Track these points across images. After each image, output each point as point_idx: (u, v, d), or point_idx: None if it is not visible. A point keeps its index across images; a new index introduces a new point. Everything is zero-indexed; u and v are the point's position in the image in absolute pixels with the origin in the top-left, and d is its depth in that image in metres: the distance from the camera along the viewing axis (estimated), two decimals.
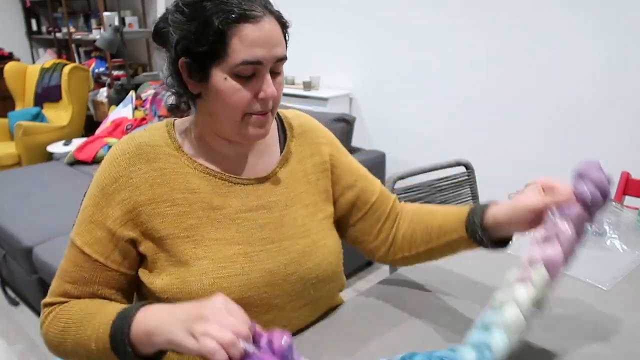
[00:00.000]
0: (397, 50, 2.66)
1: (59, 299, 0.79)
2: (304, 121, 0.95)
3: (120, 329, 0.68)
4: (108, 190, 0.78)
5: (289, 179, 0.88)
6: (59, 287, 0.80)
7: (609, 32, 1.93)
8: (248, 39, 0.71)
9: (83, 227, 0.78)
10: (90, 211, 0.78)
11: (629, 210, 1.30)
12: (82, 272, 0.78)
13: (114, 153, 0.81)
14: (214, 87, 0.74)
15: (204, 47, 0.71)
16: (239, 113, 0.76)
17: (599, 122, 2.03)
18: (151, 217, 0.77)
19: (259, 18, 0.71)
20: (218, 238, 0.79)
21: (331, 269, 0.87)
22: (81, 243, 0.78)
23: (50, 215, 2.28)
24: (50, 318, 0.78)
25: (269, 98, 0.75)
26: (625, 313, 0.89)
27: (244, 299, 0.77)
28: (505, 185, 1.79)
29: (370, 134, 2.93)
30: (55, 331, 0.76)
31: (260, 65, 0.73)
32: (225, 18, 0.70)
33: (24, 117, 3.77)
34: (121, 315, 0.69)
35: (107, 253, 0.77)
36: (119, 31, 3.55)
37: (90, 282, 0.78)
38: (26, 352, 2.04)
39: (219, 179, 0.82)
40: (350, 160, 0.97)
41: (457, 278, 1.02)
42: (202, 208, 0.79)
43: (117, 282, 0.80)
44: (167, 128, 0.84)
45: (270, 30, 0.73)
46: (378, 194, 0.95)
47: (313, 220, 0.88)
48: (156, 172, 0.79)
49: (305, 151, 0.91)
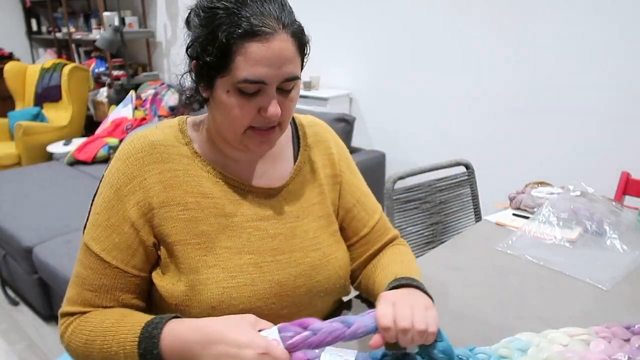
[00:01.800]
0: (397, 50, 2.66)
1: (79, 308, 0.76)
2: (319, 130, 0.92)
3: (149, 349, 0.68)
4: (123, 192, 0.75)
5: (301, 189, 0.86)
6: (79, 295, 0.76)
7: (609, 33, 1.93)
8: (252, 57, 0.67)
9: (99, 232, 0.75)
10: (106, 215, 0.75)
11: (629, 210, 1.30)
12: (102, 280, 0.75)
13: (126, 151, 0.77)
14: (217, 99, 0.72)
15: (210, 56, 0.69)
16: (240, 127, 0.73)
17: (600, 122, 2.03)
18: (163, 220, 0.75)
19: (268, 35, 0.67)
20: (229, 246, 0.77)
21: (340, 282, 0.86)
22: (99, 249, 0.74)
23: (50, 215, 2.28)
24: (71, 330, 0.75)
25: (271, 118, 0.72)
26: (625, 313, 0.89)
27: (252, 309, 0.76)
28: (505, 185, 1.79)
29: (370, 134, 2.93)
30: (78, 343, 0.74)
31: (264, 84, 0.69)
32: (230, 33, 0.66)
33: (24, 117, 3.76)
34: (146, 334, 0.69)
35: (127, 259, 0.75)
36: (119, 31, 3.55)
37: (112, 289, 0.75)
38: (26, 352, 2.04)
39: (232, 185, 0.80)
40: (354, 180, 0.94)
41: (457, 278, 1.02)
42: (215, 214, 0.77)
43: (137, 286, 0.78)
44: (180, 127, 0.81)
45: (279, 49, 0.68)
46: (371, 228, 0.92)
47: (324, 233, 0.86)
48: (170, 173, 0.76)
49: (318, 161, 0.89)
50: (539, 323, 0.85)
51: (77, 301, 0.76)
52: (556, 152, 2.19)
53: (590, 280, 1.00)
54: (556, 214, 1.24)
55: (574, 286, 0.98)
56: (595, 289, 0.97)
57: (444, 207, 1.63)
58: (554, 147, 2.19)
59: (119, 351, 0.69)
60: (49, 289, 2.12)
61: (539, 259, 1.09)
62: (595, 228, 1.20)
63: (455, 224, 1.66)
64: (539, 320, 0.87)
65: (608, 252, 1.13)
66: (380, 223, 0.94)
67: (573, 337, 0.73)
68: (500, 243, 1.17)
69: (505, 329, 0.83)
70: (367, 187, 0.96)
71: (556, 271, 1.04)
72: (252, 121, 0.72)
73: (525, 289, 0.98)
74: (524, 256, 1.11)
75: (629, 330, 0.76)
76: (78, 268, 0.77)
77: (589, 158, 2.09)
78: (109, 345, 0.71)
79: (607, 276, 1.01)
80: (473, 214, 1.69)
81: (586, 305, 0.92)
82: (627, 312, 0.89)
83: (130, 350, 0.68)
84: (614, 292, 0.96)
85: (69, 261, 1.90)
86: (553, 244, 1.16)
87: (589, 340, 0.73)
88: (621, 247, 1.13)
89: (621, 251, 1.12)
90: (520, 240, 1.18)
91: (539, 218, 1.25)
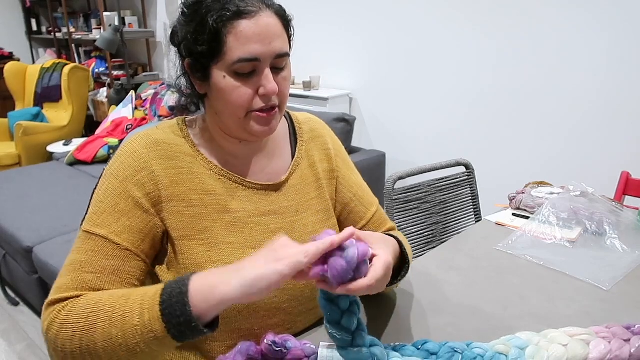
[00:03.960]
0: (398, 50, 2.66)
1: (76, 292, 0.67)
2: (315, 126, 0.95)
3: (174, 291, 0.59)
4: (130, 182, 0.74)
5: (300, 184, 0.88)
6: (74, 280, 0.68)
7: (609, 33, 1.93)
8: (243, 35, 0.70)
9: (104, 218, 0.72)
10: (112, 202, 0.73)
11: (629, 210, 1.30)
12: (109, 260, 0.70)
13: (131, 147, 0.77)
14: (215, 86, 0.74)
15: (202, 46, 0.71)
16: (241, 110, 0.75)
17: (599, 122, 2.03)
18: (170, 214, 0.76)
19: (254, 13, 0.70)
20: (232, 242, 0.79)
21: None
22: (106, 232, 0.71)
23: (50, 215, 2.28)
24: (69, 308, 0.65)
25: (269, 94, 0.74)
26: (625, 313, 0.89)
27: (254, 303, 0.77)
28: (505, 185, 1.79)
29: (370, 134, 2.93)
30: (76, 326, 0.62)
31: (258, 62, 0.72)
32: (219, 16, 0.70)
33: (24, 117, 3.76)
34: (170, 283, 0.61)
35: (137, 243, 0.73)
36: (119, 31, 3.55)
37: (119, 271, 0.70)
38: (26, 352, 2.04)
39: (233, 182, 0.81)
40: (350, 175, 0.96)
41: (457, 278, 1.02)
42: (217, 210, 0.79)
43: (142, 273, 0.74)
44: (180, 126, 0.83)
45: (267, 24, 0.71)
46: (368, 220, 0.93)
47: (324, 226, 0.87)
48: (174, 170, 0.78)
49: (316, 156, 0.91)
50: (539, 323, 0.85)
51: (72, 287, 0.68)
52: (556, 152, 2.19)
53: (590, 280, 1.00)
54: (556, 214, 1.24)
55: (574, 286, 0.98)
56: (595, 289, 0.97)
57: (443, 207, 1.63)
58: (554, 147, 2.19)
59: (134, 310, 0.60)
60: (49, 289, 2.11)
61: (539, 259, 1.09)
62: (595, 228, 1.20)
63: (455, 224, 1.66)
64: (539, 320, 0.87)
65: (608, 252, 1.12)
66: (378, 215, 0.96)
67: (573, 337, 0.73)
68: (500, 243, 1.17)
69: (505, 328, 0.83)
70: (364, 181, 0.98)
71: (556, 271, 1.04)
72: (251, 102, 0.74)
73: (525, 289, 0.98)
74: (524, 256, 1.11)
75: (629, 330, 0.76)
76: (73, 256, 0.71)
77: (589, 158, 2.09)
78: (121, 308, 0.61)
79: (607, 276, 1.01)
80: (473, 214, 1.69)
81: (586, 305, 0.92)
82: (627, 312, 0.89)
83: (150, 302, 0.60)
84: (614, 292, 0.96)
85: None
86: (553, 244, 1.16)
87: (589, 340, 0.73)
88: (621, 247, 1.13)
89: (621, 251, 1.12)
90: (520, 240, 1.18)
91: (539, 218, 1.25)
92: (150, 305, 0.60)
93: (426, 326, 0.86)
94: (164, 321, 0.58)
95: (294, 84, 3.14)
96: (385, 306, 0.92)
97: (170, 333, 0.59)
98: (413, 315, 0.89)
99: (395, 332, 0.84)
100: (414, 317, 0.88)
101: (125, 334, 0.60)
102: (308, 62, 3.10)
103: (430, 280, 1.01)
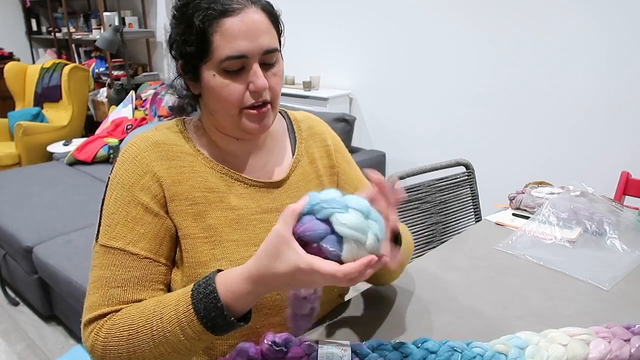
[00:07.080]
0: (397, 50, 2.66)
1: (107, 309, 0.70)
2: (313, 123, 0.96)
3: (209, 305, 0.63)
4: (136, 188, 0.75)
5: (301, 181, 0.88)
6: (103, 297, 0.71)
7: (609, 33, 1.93)
8: (229, 33, 0.71)
9: (118, 230, 0.73)
10: (123, 212, 0.74)
11: (629, 210, 1.30)
12: (131, 272, 0.72)
13: (131, 152, 0.78)
14: (206, 86, 0.75)
15: (191, 47, 0.73)
16: (233, 108, 0.76)
17: (599, 122, 2.03)
18: (174, 214, 0.77)
19: (239, 10, 0.71)
20: (236, 239, 0.79)
21: None
22: (123, 244, 0.72)
23: (50, 215, 2.28)
24: (105, 332, 0.68)
25: (259, 90, 0.74)
26: (625, 313, 0.89)
27: (258, 301, 0.76)
28: (505, 185, 1.79)
29: (370, 134, 2.93)
30: (120, 342, 0.67)
31: (246, 58, 0.72)
32: (205, 16, 0.70)
33: (24, 117, 3.77)
34: (199, 282, 0.65)
35: (155, 248, 0.74)
36: (119, 31, 3.55)
37: (142, 280, 0.72)
38: (26, 352, 2.04)
39: (235, 179, 0.82)
40: (351, 170, 0.97)
41: (457, 278, 1.02)
42: (221, 208, 0.79)
43: (166, 277, 0.76)
44: (179, 127, 0.83)
45: (252, 21, 0.72)
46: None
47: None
48: (176, 169, 0.78)
49: (315, 153, 0.92)
50: (539, 323, 0.85)
51: (102, 303, 0.71)
52: (556, 152, 2.19)
53: (590, 280, 1.00)
54: (556, 214, 1.24)
55: (574, 286, 0.98)
56: (595, 289, 0.97)
57: (443, 207, 1.63)
58: (554, 147, 2.19)
59: (174, 328, 0.64)
60: (49, 289, 2.12)
61: (539, 259, 1.09)
62: (595, 228, 1.20)
63: (455, 224, 1.66)
64: (539, 320, 0.87)
65: (608, 252, 1.13)
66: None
67: (573, 337, 0.73)
68: (500, 243, 1.17)
69: (505, 328, 0.83)
70: (364, 177, 0.98)
71: (556, 271, 1.04)
72: (243, 99, 0.75)
73: (525, 289, 0.98)
74: (524, 256, 1.11)
75: (629, 330, 0.76)
76: (96, 272, 0.73)
77: (589, 158, 2.09)
78: (161, 328, 0.65)
79: (607, 276, 1.01)
80: (473, 214, 1.69)
81: (586, 305, 0.92)
82: (627, 312, 0.89)
83: (187, 318, 0.63)
84: (614, 292, 0.96)
85: (68, 261, 1.90)
86: (553, 244, 1.16)
87: (589, 340, 0.73)
88: (621, 247, 1.13)
89: (621, 251, 1.12)
90: (520, 240, 1.18)
91: (539, 218, 1.25)
92: (188, 321, 0.64)
93: (426, 325, 0.86)
94: (209, 331, 0.64)
95: (293, 84, 3.14)
96: (385, 305, 0.92)
97: (215, 334, 0.65)
98: (413, 314, 0.89)
99: (395, 330, 0.84)
100: (414, 316, 0.88)
101: (174, 349, 0.66)
102: (308, 62, 3.10)
103: (430, 280, 1.01)
